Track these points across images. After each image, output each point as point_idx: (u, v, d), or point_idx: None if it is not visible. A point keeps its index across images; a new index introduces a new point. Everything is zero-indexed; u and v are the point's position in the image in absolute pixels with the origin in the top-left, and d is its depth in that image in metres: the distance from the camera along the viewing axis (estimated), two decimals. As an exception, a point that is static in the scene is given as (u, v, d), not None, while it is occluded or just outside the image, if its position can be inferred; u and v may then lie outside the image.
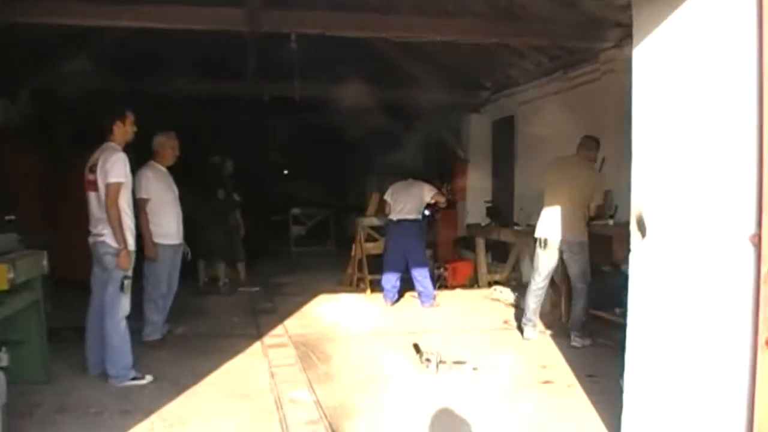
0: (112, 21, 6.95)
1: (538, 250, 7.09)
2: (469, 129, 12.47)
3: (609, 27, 8.05)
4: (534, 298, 7.16)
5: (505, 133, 11.74)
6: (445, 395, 5.40)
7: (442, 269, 10.81)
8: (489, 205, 11.36)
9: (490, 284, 10.69)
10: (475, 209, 11.98)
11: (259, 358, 6.53)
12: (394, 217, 9.28)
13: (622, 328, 7.25)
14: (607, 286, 7.27)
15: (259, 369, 6.15)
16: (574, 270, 7.00)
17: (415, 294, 9.60)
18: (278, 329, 7.81)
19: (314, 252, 15.31)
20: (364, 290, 10.41)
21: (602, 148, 8.21)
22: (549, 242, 6.97)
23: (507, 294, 9.86)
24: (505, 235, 9.95)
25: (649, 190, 3.93)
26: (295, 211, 15.20)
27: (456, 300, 9.82)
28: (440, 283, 10.49)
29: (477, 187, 12.28)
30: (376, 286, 10.14)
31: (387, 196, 9.49)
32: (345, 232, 15.78)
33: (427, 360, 6.08)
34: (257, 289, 10.55)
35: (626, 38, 8.01)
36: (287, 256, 14.98)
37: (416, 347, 6.52)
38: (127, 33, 8.98)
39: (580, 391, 5.45)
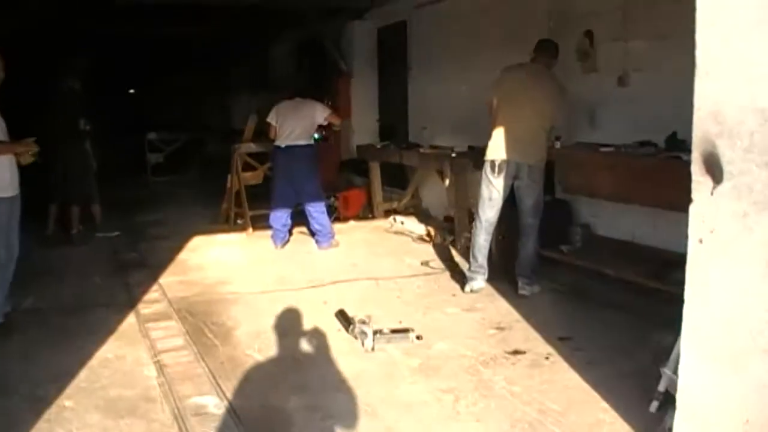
0: None
1: (490, 177, 5.82)
2: (352, 38, 10.98)
3: None
4: (486, 236, 5.96)
5: (394, 42, 10.38)
6: (398, 384, 4.19)
7: (332, 199, 9.46)
8: (380, 123, 10.02)
9: (386, 213, 9.52)
10: (362, 129, 10.68)
11: (138, 341, 5.00)
12: (281, 143, 7.79)
13: (572, 269, 6.35)
14: (551, 220, 6.21)
15: (142, 359, 4.64)
16: (527, 201, 5.85)
17: (304, 230, 8.29)
18: (154, 291, 6.29)
19: (176, 182, 13.48)
20: (245, 228, 8.97)
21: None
22: (506, 166, 5.75)
23: (410, 224, 8.72)
24: (409, 159, 8.64)
25: (726, 114, 2.74)
26: (151, 136, 13.21)
27: (356, 235, 8.55)
28: (333, 215, 9.14)
29: (363, 103, 10.95)
30: (258, 222, 8.80)
31: (271, 119, 7.93)
32: (208, 158, 14.17)
33: (362, 333, 4.79)
34: (117, 233, 8.85)
35: None
36: (145, 187, 13.09)
37: (342, 315, 5.22)
38: None
39: (565, 366, 4.33)
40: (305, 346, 4.86)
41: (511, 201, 5.96)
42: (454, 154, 7.60)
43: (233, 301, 5.98)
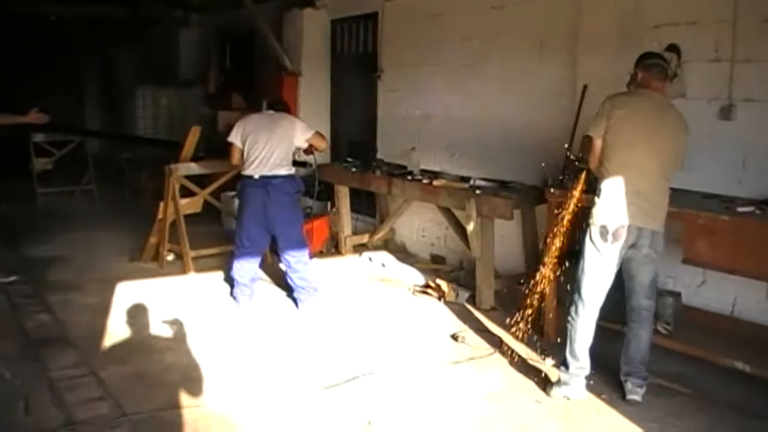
0: None
1: (601, 246, 4.19)
2: (302, 30, 9.05)
3: None
4: (592, 325, 4.33)
5: (357, 39, 8.65)
6: None
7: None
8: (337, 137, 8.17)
9: (354, 249, 7.83)
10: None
11: None
12: (253, 172, 5.89)
13: (666, 353, 4.78)
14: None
15: None
16: (644, 277, 4.29)
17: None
18: (99, 398, 4.30)
19: (67, 195, 11.00)
20: (184, 271, 7.02)
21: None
22: (625, 233, 4.14)
23: (395, 268, 7.06)
24: (404, 191, 6.85)
25: None
26: (38, 137, 10.66)
27: (336, 284, 6.72)
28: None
29: (312, 111, 9.03)
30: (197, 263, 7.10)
31: (234, 138, 6.03)
32: (103, 163, 11.91)
33: None
34: (13, 278, 6.70)
35: None
36: (31, 201, 10.56)
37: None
38: None
39: None
40: None
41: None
42: (478, 191, 5.96)
43: (228, 422, 4.11)
